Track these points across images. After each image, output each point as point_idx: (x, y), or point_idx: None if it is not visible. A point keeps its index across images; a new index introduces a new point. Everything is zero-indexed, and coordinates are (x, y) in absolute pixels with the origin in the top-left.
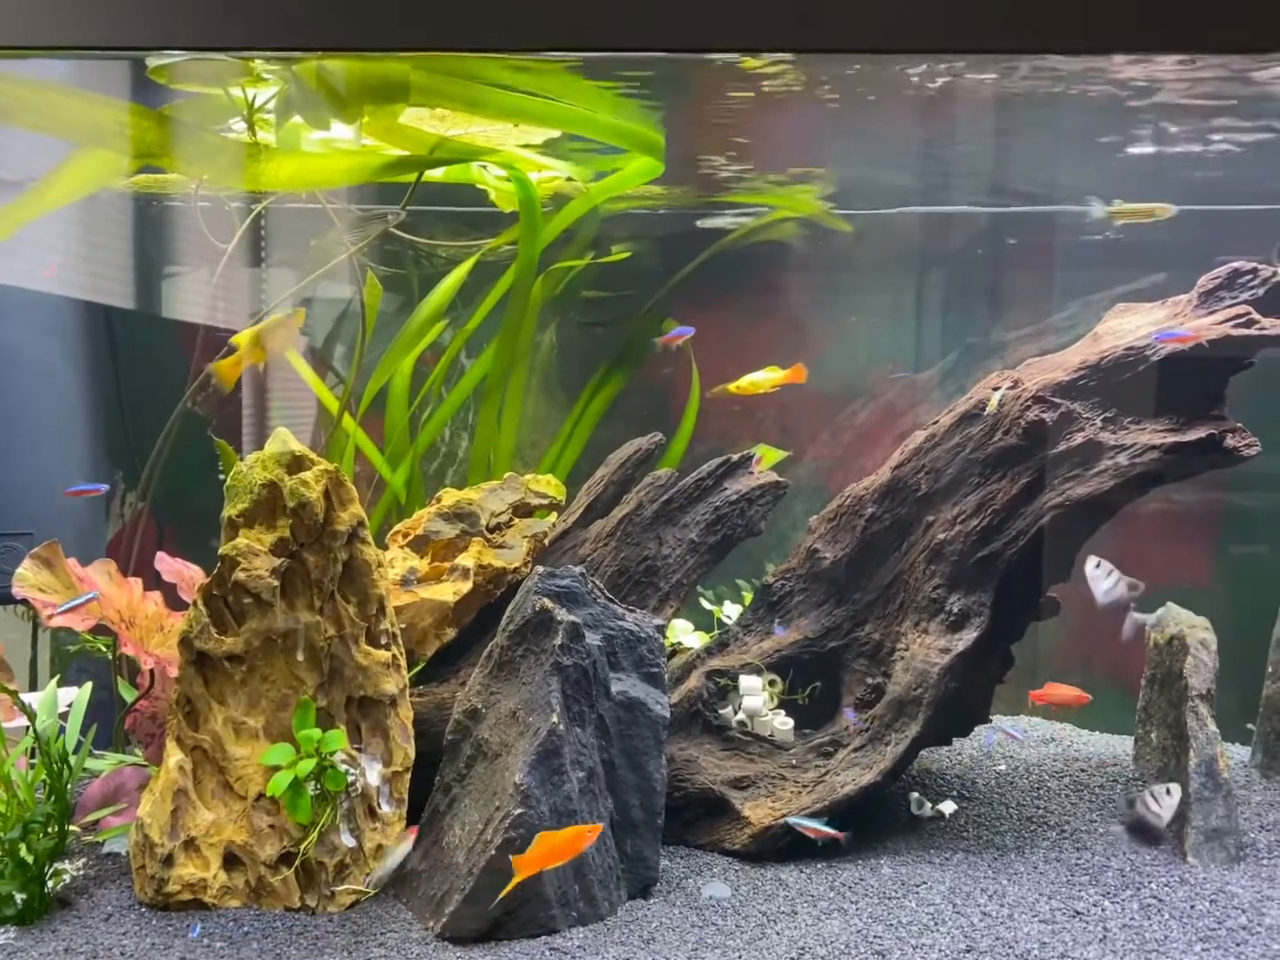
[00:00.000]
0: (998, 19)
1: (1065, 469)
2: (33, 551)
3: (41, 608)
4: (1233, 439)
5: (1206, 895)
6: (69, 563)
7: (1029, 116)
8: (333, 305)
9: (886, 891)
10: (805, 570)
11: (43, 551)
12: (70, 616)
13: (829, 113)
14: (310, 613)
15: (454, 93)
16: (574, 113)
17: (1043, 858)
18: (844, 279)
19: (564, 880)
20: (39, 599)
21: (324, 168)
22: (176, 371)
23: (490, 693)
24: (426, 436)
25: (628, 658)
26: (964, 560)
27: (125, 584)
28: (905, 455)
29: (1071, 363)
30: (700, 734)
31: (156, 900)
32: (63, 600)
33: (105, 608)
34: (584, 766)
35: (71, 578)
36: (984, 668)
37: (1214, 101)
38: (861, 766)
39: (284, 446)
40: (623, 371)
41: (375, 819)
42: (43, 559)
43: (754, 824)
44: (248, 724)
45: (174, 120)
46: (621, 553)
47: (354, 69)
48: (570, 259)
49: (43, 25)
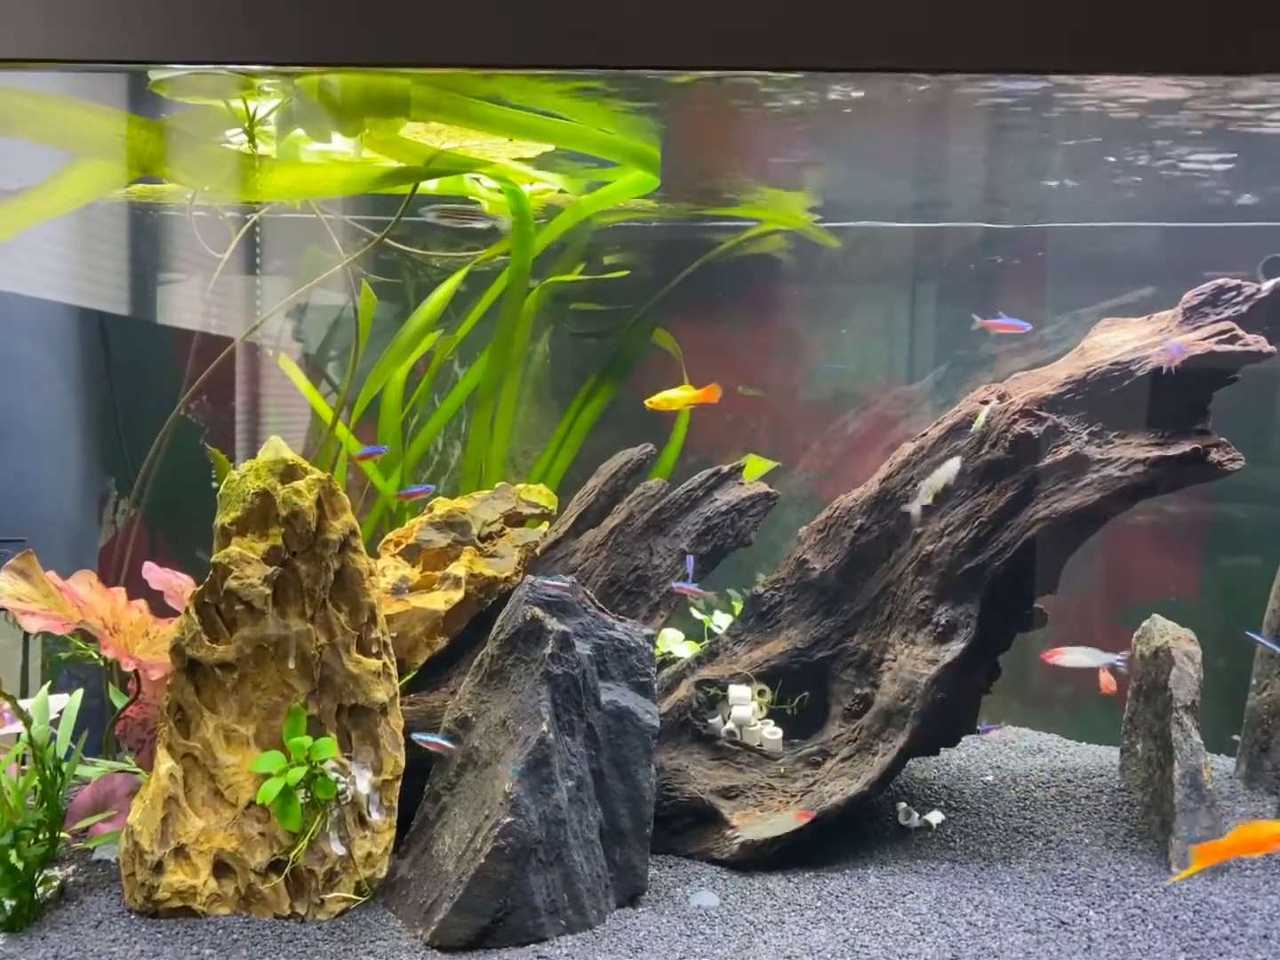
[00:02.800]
0: (997, 38)
1: (1052, 482)
2: (8, 563)
3: (20, 616)
4: (1217, 453)
5: (1190, 906)
6: (48, 574)
7: (1020, 130)
8: (326, 312)
9: (873, 901)
10: (794, 581)
11: (18, 562)
12: (50, 621)
13: (822, 125)
14: (302, 621)
15: (453, 107)
16: (570, 128)
17: (1029, 868)
18: (835, 291)
19: (553, 889)
20: (18, 608)
21: (322, 178)
22: (170, 379)
23: (480, 701)
24: (419, 445)
25: (617, 667)
26: (951, 572)
27: (107, 593)
28: (894, 467)
29: (1058, 377)
30: (689, 743)
31: (146, 907)
32: (42, 607)
33: (88, 614)
34: (573, 775)
35: (50, 587)
36: (971, 678)
37: (1201, 121)
38: (849, 777)
39: (277, 455)
40: (613, 381)
41: (365, 827)
42: (19, 570)
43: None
44: (239, 731)
45: (175, 131)
46: (612, 562)
47: (356, 83)
48: (563, 270)
49: (49, 39)
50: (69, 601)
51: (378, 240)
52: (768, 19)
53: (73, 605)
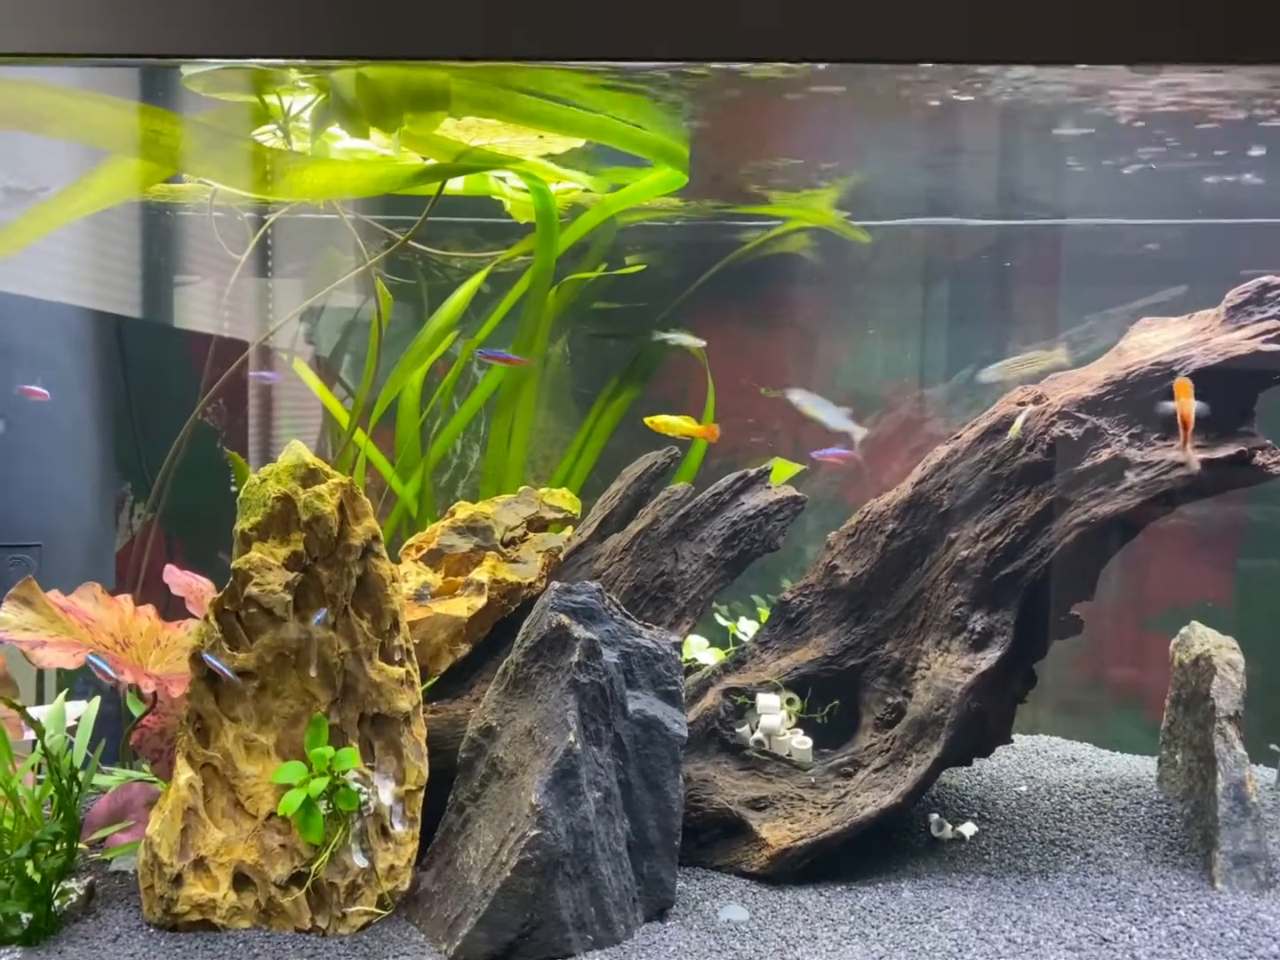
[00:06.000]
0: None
1: (1090, 486)
2: (10, 593)
3: (29, 649)
4: (1263, 456)
5: (1236, 922)
6: (50, 595)
7: (1046, 128)
8: (339, 314)
9: (908, 916)
10: (824, 587)
11: (20, 591)
12: (61, 652)
13: (852, 122)
14: (323, 628)
15: (491, 100)
16: (604, 122)
17: (1067, 882)
18: (859, 291)
19: (580, 903)
20: (25, 640)
21: (357, 177)
22: (188, 382)
23: (505, 710)
24: (438, 449)
25: (645, 675)
26: (987, 578)
27: (114, 603)
28: (927, 471)
29: (1097, 378)
30: (717, 753)
31: (165, 921)
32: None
33: (97, 632)
34: (601, 787)
35: (55, 610)
36: (1006, 687)
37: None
38: (882, 788)
39: (298, 459)
40: (635, 383)
41: (388, 839)
42: (21, 598)
43: (772, 845)
44: (259, 741)
45: (206, 128)
46: (637, 568)
47: (395, 77)
48: (586, 270)
49: (80, 33)
50: (77, 622)
51: (402, 241)
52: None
53: (81, 625)
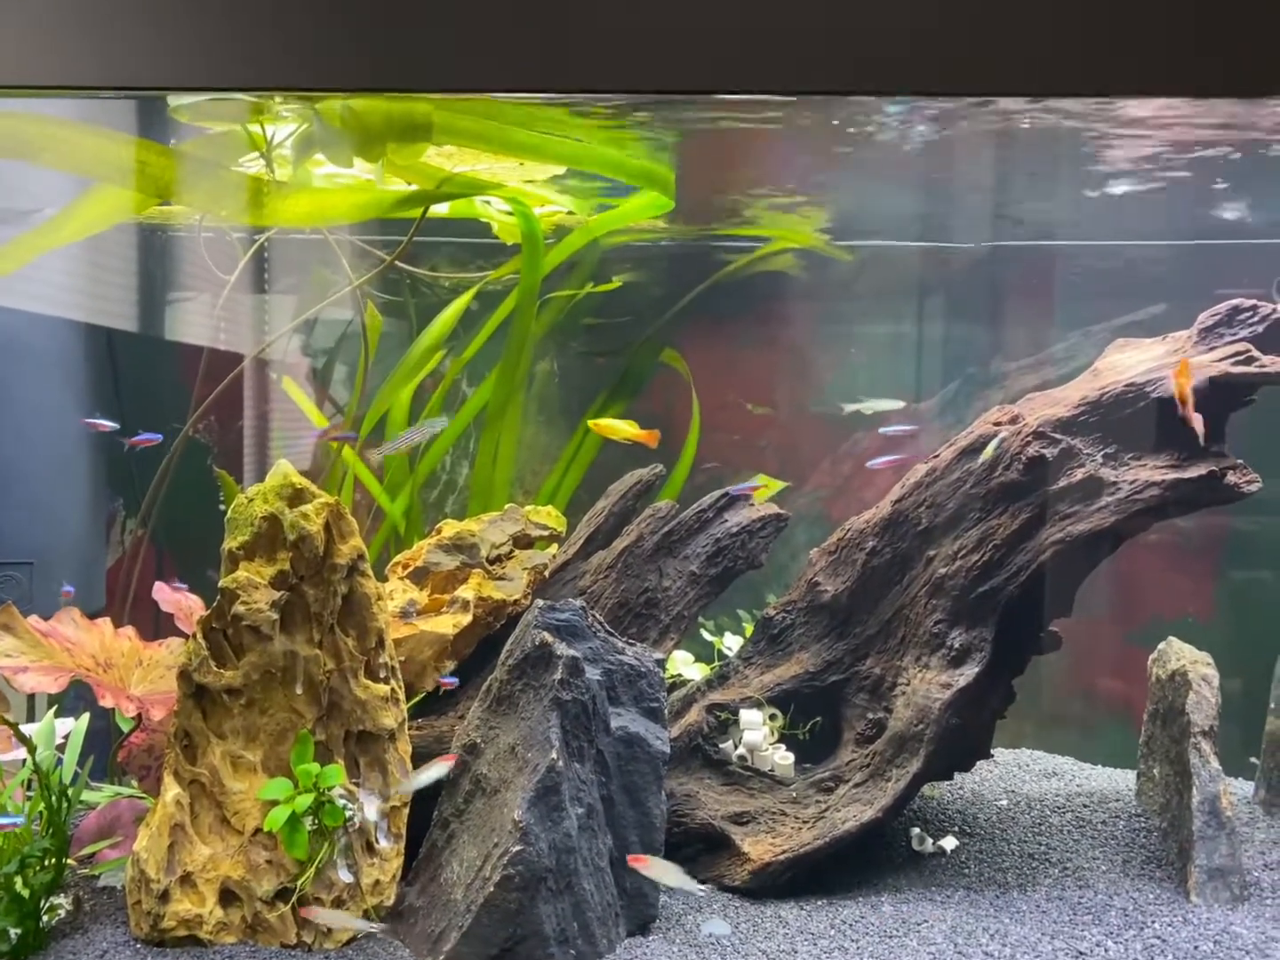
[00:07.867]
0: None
1: (1066, 505)
2: None
3: (11, 674)
4: (1233, 475)
5: (1210, 936)
6: (30, 620)
7: (1030, 150)
8: (331, 328)
9: (888, 930)
10: (806, 603)
11: (0, 618)
12: (43, 676)
13: (832, 146)
14: (309, 646)
15: (471, 130)
16: (586, 149)
17: (1045, 896)
18: (844, 308)
19: (563, 918)
20: (7, 666)
21: (338, 204)
22: (178, 398)
23: (489, 727)
24: (426, 466)
25: (627, 692)
26: (965, 595)
27: (94, 626)
28: (906, 489)
29: (1072, 398)
30: (700, 768)
31: (152, 936)
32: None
33: (78, 655)
34: (583, 803)
35: (35, 636)
36: (986, 703)
37: (1213, 135)
38: (863, 803)
39: (285, 479)
40: (622, 400)
41: (373, 854)
42: (2, 625)
43: (754, 860)
44: (246, 758)
45: (191, 157)
46: (622, 585)
47: (379, 108)
48: (571, 289)
49: (68, 65)
50: (57, 645)
51: (389, 262)
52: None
53: (62, 648)
